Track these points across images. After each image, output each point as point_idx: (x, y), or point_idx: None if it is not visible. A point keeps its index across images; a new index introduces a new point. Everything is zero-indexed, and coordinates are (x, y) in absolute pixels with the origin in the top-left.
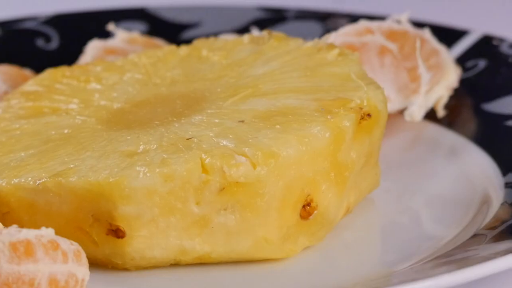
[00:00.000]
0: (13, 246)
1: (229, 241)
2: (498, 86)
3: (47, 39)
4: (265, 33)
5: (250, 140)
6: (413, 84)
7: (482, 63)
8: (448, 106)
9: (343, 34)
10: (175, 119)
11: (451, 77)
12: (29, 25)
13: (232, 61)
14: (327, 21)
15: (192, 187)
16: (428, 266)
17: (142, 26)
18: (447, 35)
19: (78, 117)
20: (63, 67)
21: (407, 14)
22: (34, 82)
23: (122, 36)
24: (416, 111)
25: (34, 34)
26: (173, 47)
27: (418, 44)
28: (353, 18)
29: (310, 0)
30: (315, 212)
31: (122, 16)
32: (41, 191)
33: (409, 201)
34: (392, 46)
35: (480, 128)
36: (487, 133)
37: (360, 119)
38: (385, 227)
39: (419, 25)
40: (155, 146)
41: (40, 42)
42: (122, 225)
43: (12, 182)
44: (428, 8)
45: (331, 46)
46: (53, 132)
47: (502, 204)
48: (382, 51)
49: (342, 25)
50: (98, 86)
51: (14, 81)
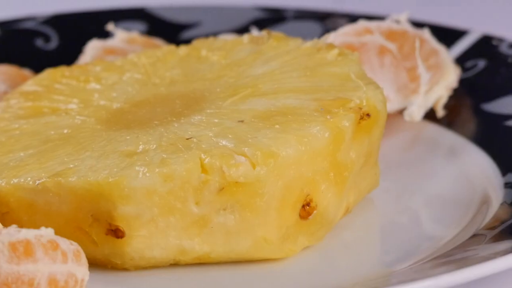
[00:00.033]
0: (13, 246)
1: (229, 241)
2: (498, 86)
3: (47, 39)
4: (265, 33)
5: (250, 140)
6: (413, 84)
7: (482, 63)
8: (448, 106)
9: (343, 34)
10: (175, 119)
11: (451, 77)
12: (29, 25)
13: (232, 61)
14: (327, 21)
15: (192, 187)
16: (428, 266)
17: (142, 26)
18: (447, 35)
19: (78, 117)
20: (63, 67)
21: (407, 14)
22: (34, 82)
23: (122, 36)
24: (416, 111)
25: (34, 34)
26: (173, 47)
27: (418, 44)
28: (352, 18)
29: (310, 0)
30: (315, 212)
31: (122, 16)
32: (41, 191)
33: (409, 201)
34: (392, 46)
35: (480, 128)
36: (487, 133)
37: (360, 119)
38: (385, 227)
39: (419, 25)
40: (155, 146)
41: (40, 42)
42: (122, 225)
43: (12, 182)
44: (428, 8)
45: (331, 46)
46: (53, 132)
47: (502, 204)
48: (382, 51)
49: (342, 25)
50: (98, 86)
51: (13, 81)
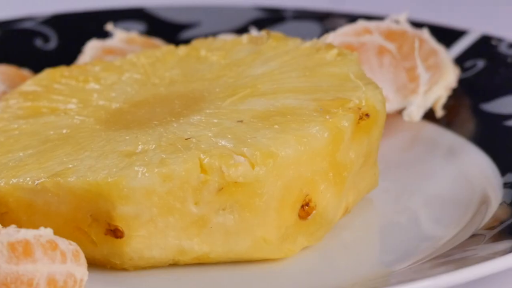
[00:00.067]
0: (12, 246)
1: (228, 241)
2: (497, 86)
3: (46, 39)
4: (264, 33)
5: (249, 140)
6: (412, 84)
7: (481, 63)
8: (447, 106)
9: (342, 34)
10: (174, 119)
11: (450, 77)
12: (28, 25)
13: (231, 61)
14: (326, 21)
15: (191, 187)
16: (427, 266)
17: (141, 26)
18: (446, 35)
19: (77, 117)
20: (62, 67)
21: (406, 14)
22: (33, 82)
23: (121, 36)
24: (415, 111)
25: (33, 34)
26: (172, 47)
27: (417, 44)
28: (352, 18)
29: (309, 0)
30: (314, 212)
31: (121, 16)
32: (40, 191)
33: (408, 201)
34: (391, 46)
35: (479, 128)
36: (486, 133)
37: (359, 119)
38: (384, 227)
39: (418, 25)
40: (154, 146)
41: (39, 42)
42: (121, 225)
43: (11, 182)
44: (427, 8)
45: (330, 46)
46: (52, 132)
47: (501, 204)
48: (381, 51)
49: (341, 25)
50: (97, 86)
51: (13, 81)
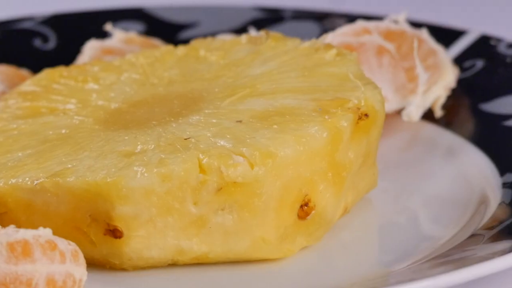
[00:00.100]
0: (11, 246)
1: (227, 241)
2: (496, 86)
3: (45, 39)
4: (263, 33)
5: (248, 140)
6: (411, 84)
7: (480, 63)
8: (446, 106)
9: (341, 34)
10: (173, 119)
11: (449, 77)
12: (27, 25)
13: (230, 61)
14: (325, 21)
15: (190, 187)
16: (426, 266)
17: (140, 26)
18: (445, 35)
19: (76, 117)
20: (61, 67)
21: (405, 14)
22: (32, 82)
23: (120, 36)
24: (414, 111)
25: (32, 34)
26: (171, 47)
27: (416, 44)
28: (351, 18)
29: (308, 0)
30: (313, 212)
31: (120, 16)
32: (39, 191)
33: (407, 201)
34: (390, 46)
35: (478, 128)
36: (485, 133)
37: (358, 119)
38: (383, 227)
39: (417, 25)
40: (153, 146)
41: (38, 42)
42: (120, 225)
43: (10, 182)
44: (426, 8)
45: (329, 46)
46: (51, 132)
47: (500, 204)
48: (380, 51)
49: (340, 25)
50: (96, 86)
51: (12, 81)
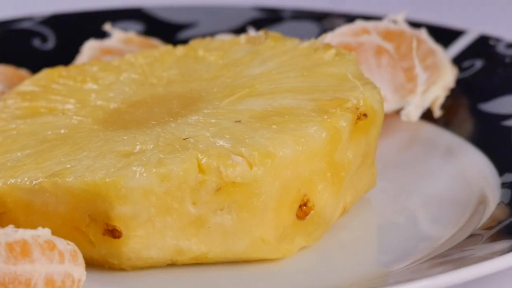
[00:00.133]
0: (10, 246)
1: (226, 241)
2: (495, 86)
3: (44, 39)
4: (262, 33)
5: (247, 140)
6: (410, 84)
7: (479, 63)
8: (445, 106)
9: (340, 34)
10: (172, 119)
11: (448, 77)
12: (26, 25)
13: (229, 61)
14: (324, 21)
15: (189, 187)
16: (425, 266)
17: (139, 26)
18: (444, 35)
19: (75, 117)
20: (60, 67)
21: (404, 14)
22: (31, 82)
23: (119, 36)
24: (413, 111)
25: (31, 34)
26: (170, 47)
27: (415, 44)
28: (350, 18)
29: (307, 0)
30: (312, 212)
31: (119, 16)
32: (38, 191)
33: (406, 201)
34: (389, 46)
35: (477, 128)
36: (484, 133)
37: (357, 119)
38: (382, 227)
39: (416, 25)
40: (152, 146)
41: (37, 42)
42: (119, 225)
43: (9, 182)
44: (425, 8)
45: (328, 46)
46: (50, 132)
47: (499, 204)
48: (379, 51)
49: (339, 25)
50: (95, 86)
51: (11, 81)
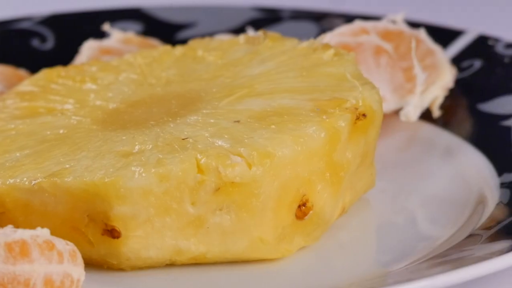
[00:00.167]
0: (9, 246)
1: (225, 241)
2: (494, 86)
3: (43, 39)
4: (261, 33)
5: (246, 140)
6: (409, 84)
7: (478, 63)
8: (444, 106)
9: (339, 34)
10: (171, 119)
11: (447, 77)
12: (25, 25)
13: (228, 61)
14: (322, 21)
15: (188, 187)
16: (424, 266)
17: (138, 26)
18: (443, 35)
19: (74, 117)
20: (59, 67)
21: (403, 14)
22: (30, 82)
23: (118, 36)
24: (412, 111)
25: (30, 34)
26: (169, 47)
27: (414, 44)
28: (348, 18)
29: (307, 0)
30: (311, 212)
31: (118, 16)
32: (37, 191)
33: (405, 201)
34: (388, 46)
35: (476, 128)
36: (483, 133)
37: (356, 119)
38: (381, 227)
39: (415, 25)
40: (151, 146)
41: (36, 42)
42: (118, 225)
43: (8, 182)
44: (424, 8)
45: (327, 46)
46: (49, 132)
47: (498, 204)
48: (378, 51)
49: (338, 25)
50: (94, 86)
51: (9, 81)
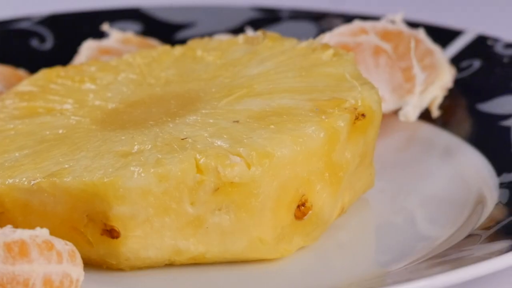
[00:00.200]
0: (8, 247)
1: (224, 241)
2: (493, 86)
3: (42, 39)
4: (260, 33)
5: (245, 140)
6: (408, 84)
7: (477, 63)
8: (443, 106)
9: (338, 34)
10: (170, 119)
11: (446, 77)
12: (24, 25)
13: (227, 61)
14: (322, 21)
15: (187, 187)
16: (423, 266)
17: (137, 26)
18: (442, 35)
19: (73, 117)
20: (58, 67)
21: (402, 14)
22: (29, 82)
23: (117, 36)
24: (411, 111)
25: (29, 34)
26: (168, 47)
27: (413, 44)
28: (348, 18)
29: (306, 0)
30: (310, 212)
31: (117, 16)
32: (36, 191)
33: (404, 201)
34: (387, 46)
35: (475, 128)
36: (482, 133)
37: (355, 119)
38: (380, 228)
39: (414, 25)
40: (150, 146)
41: (35, 42)
42: (117, 225)
43: (7, 183)
44: (423, 8)
45: (326, 46)
46: (48, 132)
47: (497, 204)
48: (377, 51)
49: (337, 25)
50: (93, 86)
51: (9, 82)
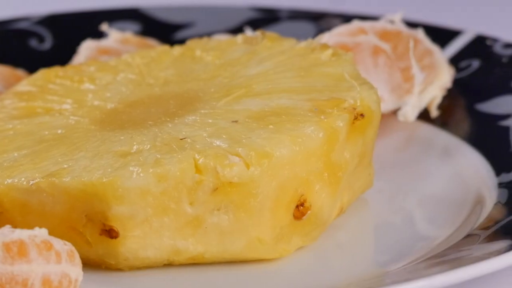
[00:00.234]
0: (7, 247)
1: (223, 241)
2: (492, 86)
3: (41, 39)
4: (259, 33)
5: (244, 140)
6: (407, 84)
7: (476, 63)
8: (442, 106)
9: (337, 34)
10: (169, 119)
11: (445, 77)
12: (23, 25)
13: (226, 61)
14: (320, 21)
15: (186, 187)
16: (422, 266)
17: (136, 26)
18: (441, 35)
19: (72, 117)
20: (57, 67)
21: (401, 14)
22: (28, 82)
23: (116, 36)
24: (410, 111)
25: (28, 34)
26: (167, 47)
27: (412, 44)
28: (346, 18)
29: (305, 0)
30: (309, 212)
31: (116, 16)
32: (35, 191)
33: (403, 201)
34: (386, 46)
35: (474, 128)
36: (481, 133)
37: (354, 119)
38: (379, 228)
39: (413, 25)
40: (149, 146)
41: (34, 42)
42: (116, 225)
43: (5, 183)
44: (422, 8)
45: (325, 46)
46: (47, 132)
47: (496, 204)
48: (376, 51)
49: (336, 25)
50: (92, 86)
51: (7, 82)
